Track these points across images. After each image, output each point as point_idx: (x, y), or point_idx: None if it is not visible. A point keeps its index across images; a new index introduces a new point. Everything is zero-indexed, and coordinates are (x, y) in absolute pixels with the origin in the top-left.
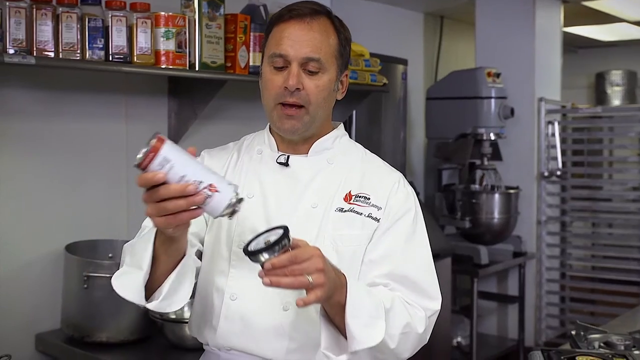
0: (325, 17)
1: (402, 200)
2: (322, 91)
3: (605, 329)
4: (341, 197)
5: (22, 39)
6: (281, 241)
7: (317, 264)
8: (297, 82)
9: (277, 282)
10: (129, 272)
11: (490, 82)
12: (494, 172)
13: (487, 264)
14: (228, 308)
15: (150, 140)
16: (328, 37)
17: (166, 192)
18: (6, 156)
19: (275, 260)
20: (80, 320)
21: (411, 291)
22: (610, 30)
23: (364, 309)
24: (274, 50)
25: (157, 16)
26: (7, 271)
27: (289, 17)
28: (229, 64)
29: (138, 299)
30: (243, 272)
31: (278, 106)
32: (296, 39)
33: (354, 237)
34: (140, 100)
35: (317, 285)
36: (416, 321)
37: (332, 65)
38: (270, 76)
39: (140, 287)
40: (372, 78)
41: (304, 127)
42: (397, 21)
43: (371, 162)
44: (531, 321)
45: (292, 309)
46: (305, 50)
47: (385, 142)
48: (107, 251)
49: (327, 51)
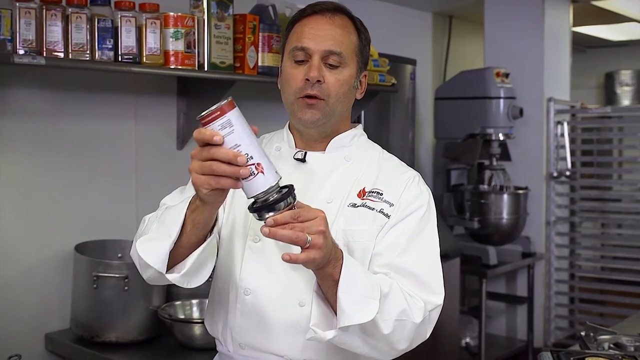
0: (346, 16)
1: (414, 196)
2: (342, 85)
3: (615, 330)
4: (355, 193)
5: (32, 39)
6: (286, 198)
7: (319, 225)
8: (318, 74)
9: (275, 232)
10: (155, 239)
11: (499, 82)
12: (503, 173)
13: (495, 264)
14: (243, 303)
15: (222, 101)
16: (349, 34)
17: (218, 153)
18: (16, 156)
19: (278, 216)
20: (89, 320)
21: (411, 283)
22: (620, 30)
23: (358, 286)
24: (295, 44)
25: (166, 17)
26: (17, 271)
27: (312, 11)
28: (237, 64)
29: (160, 266)
30: (257, 267)
31: (300, 99)
32: (318, 33)
33: (364, 232)
34: (149, 101)
35: (314, 247)
36: (414, 310)
37: (352, 61)
38: (291, 70)
39: (165, 255)
40: (380, 78)
41: (324, 118)
42: (406, 21)
43: (388, 161)
44: (540, 322)
45: (308, 305)
46: (327, 44)
47: (393, 142)
48: (117, 251)
49: (348, 46)
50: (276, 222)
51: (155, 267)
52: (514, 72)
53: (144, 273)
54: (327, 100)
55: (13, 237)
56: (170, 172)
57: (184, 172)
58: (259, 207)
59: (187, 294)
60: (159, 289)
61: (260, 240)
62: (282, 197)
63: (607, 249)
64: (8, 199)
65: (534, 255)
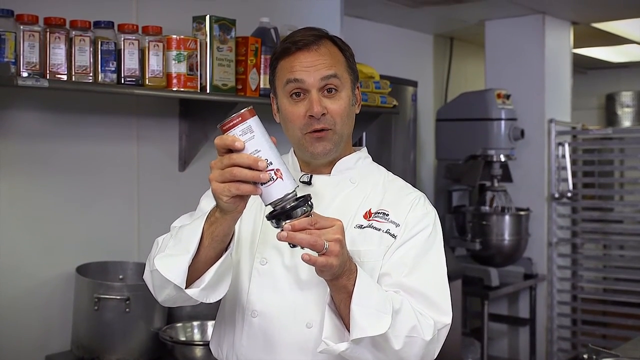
0: (327, 40)
1: (420, 217)
2: (344, 110)
3: (618, 353)
4: (361, 214)
5: (35, 62)
6: (303, 205)
7: (336, 232)
8: (321, 108)
9: (292, 236)
10: (173, 255)
11: (500, 103)
12: (504, 194)
13: (497, 286)
14: (250, 325)
15: (242, 109)
16: (337, 55)
17: (239, 159)
18: (19, 178)
19: (296, 222)
20: (90, 341)
21: (420, 302)
22: (620, 52)
23: (372, 299)
24: (288, 77)
25: (168, 39)
26: (18, 292)
27: (296, 49)
28: (239, 87)
29: (180, 281)
30: (264, 289)
31: (307, 135)
32: (308, 65)
33: (371, 253)
34: (151, 122)
35: (331, 253)
36: (424, 327)
37: (346, 80)
38: (291, 108)
39: (184, 270)
40: (382, 100)
41: (335, 147)
42: (407, 43)
43: (393, 183)
44: (542, 344)
45: (315, 326)
46: (321, 72)
47: (395, 163)
48: (118, 273)
49: (340, 67)
50: (294, 228)
51: (176, 282)
52: (515, 94)
53: (160, 293)
54: (335, 128)
55: (15, 258)
56: (172, 193)
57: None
58: (277, 213)
59: (188, 316)
60: (160, 311)
61: (267, 263)
62: (299, 204)
63: (610, 271)
64: (10, 220)
65: (536, 276)
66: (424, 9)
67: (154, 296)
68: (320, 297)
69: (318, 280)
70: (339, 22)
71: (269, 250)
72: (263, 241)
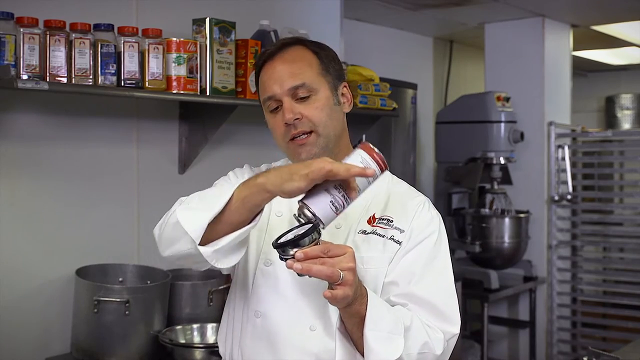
0: (297, 45)
1: (425, 223)
2: (321, 111)
3: (618, 355)
4: (365, 220)
5: (35, 64)
6: (310, 233)
7: (349, 261)
8: (292, 114)
9: (308, 268)
10: (197, 209)
11: (499, 106)
12: (504, 196)
13: (497, 288)
14: (254, 325)
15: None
16: (305, 61)
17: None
18: (19, 180)
19: (308, 250)
20: (90, 344)
21: (429, 313)
22: (620, 54)
23: (384, 323)
24: (263, 97)
25: (168, 42)
26: (18, 295)
27: (263, 61)
28: (239, 89)
29: (197, 235)
30: (268, 290)
31: (289, 143)
32: (276, 76)
33: (375, 259)
34: (151, 125)
35: (346, 283)
36: (435, 342)
37: (320, 83)
38: (272, 120)
39: (203, 226)
40: (381, 102)
41: (321, 150)
42: (407, 46)
43: (397, 187)
44: (542, 346)
45: (318, 330)
46: (288, 82)
47: (395, 166)
48: (118, 275)
49: (309, 73)
50: (306, 256)
51: (193, 235)
52: (514, 96)
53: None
54: (316, 130)
55: (14, 261)
56: (172, 196)
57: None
58: (284, 242)
59: (187, 319)
60: (159, 313)
61: (271, 264)
62: (309, 231)
63: (609, 273)
64: (10, 222)
65: (535, 279)
66: (424, 12)
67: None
68: (323, 301)
69: (320, 284)
70: (338, 25)
71: (274, 253)
72: (268, 242)
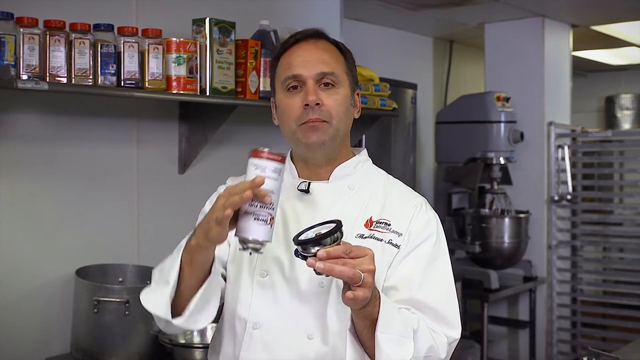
0: (327, 41)
1: (423, 225)
2: (341, 104)
3: (618, 355)
4: (362, 223)
5: (35, 64)
6: (334, 233)
7: (369, 263)
8: (316, 97)
9: (330, 269)
10: (156, 288)
11: (499, 106)
12: (504, 196)
13: (497, 288)
14: (250, 337)
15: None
16: (336, 55)
17: (252, 183)
18: (18, 180)
19: (331, 250)
20: (90, 344)
21: (432, 318)
22: (620, 54)
23: (395, 326)
24: (286, 74)
25: (168, 42)
26: (17, 295)
27: (295, 40)
28: (239, 89)
29: (164, 314)
30: (266, 301)
31: (302, 126)
32: (307, 58)
33: None
34: (151, 125)
35: (366, 285)
36: (439, 346)
37: (345, 80)
38: (287, 100)
39: (167, 302)
40: (381, 102)
41: (330, 140)
42: (407, 46)
43: (393, 188)
44: (542, 346)
45: (316, 338)
46: (319, 66)
47: (395, 166)
48: (118, 275)
49: (338, 66)
50: (329, 255)
51: (161, 315)
52: (514, 96)
53: (159, 324)
54: (330, 121)
55: (14, 261)
56: (172, 196)
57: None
58: (306, 240)
59: None
60: None
61: (267, 275)
62: (329, 232)
63: (609, 273)
64: (10, 222)
65: (535, 279)
66: (424, 12)
67: None
68: (320, 308)
69: (318, 291)
70: (338, 25)
71: (269, 263)
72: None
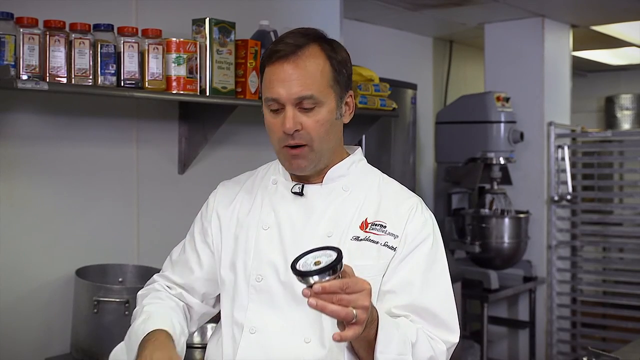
0: (313, 45)
1: (420, 227)
2: (322, 125)
3: (618, 355)
4: (357, 225)
5: (35, 65)
6: (335, 265)
7: (365, 300)
8: (293, 124)
9: (323, 307)
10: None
11: (499, 106)
12: (504, 196)
13: (497, 288)
14: (248, 342)
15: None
16: (318, 69)
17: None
18: (18, 180)
19: (327, 285)
20: (90, 344)
21: (431, 324)
22: (620, 55)
23: (393, 345)
24: (266, 95)
25: (168, 42)
26: (17, 295)
27: (276, 58)
28: (239, 89)
29: None
30: (262, 306)
31: (284, 149)
32: (285, 80)
33: (369, 267)
34: (151, 125)
35: (359, 322)
36: (439, 355)
37: (328, 95)
38: (270, 120)
39: None
40: (381, 103)
41: (311, 164)
42: (407, 46)
43: (388, 188)
44: (542, 347)
45: (313, 341)
46: (297, 90)
47: (394, 166)
48: (118, 275)
49: (320, 84)
50: (324, 290)
51: None
52: (514, 97)
53: None
54: (311, 144)
55: (14, 261)
56: (172, 196)
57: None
58: (305, 272)
59: None
60: None
61: (262, 279)
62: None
63: (609, 273)
64: (10, 222)
65: (535, 279)
66: (424, 12)
67: None
68: (316, 312)
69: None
70: (338, 25)
71: (264, 267)
72: (257, 258)
